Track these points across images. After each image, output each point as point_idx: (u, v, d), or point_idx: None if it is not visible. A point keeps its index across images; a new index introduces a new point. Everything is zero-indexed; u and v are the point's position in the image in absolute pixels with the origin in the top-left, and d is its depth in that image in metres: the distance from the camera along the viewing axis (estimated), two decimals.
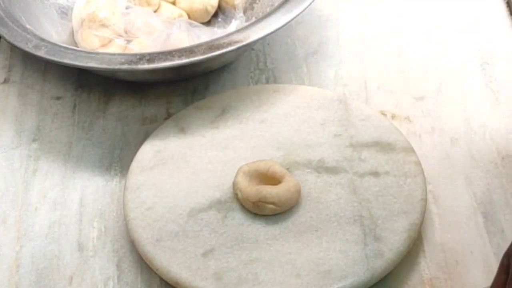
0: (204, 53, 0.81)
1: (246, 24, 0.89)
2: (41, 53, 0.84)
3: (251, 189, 0.74)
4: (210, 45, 0.82)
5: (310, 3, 0.86)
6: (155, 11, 0.96)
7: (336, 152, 0.79)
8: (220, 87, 0.91)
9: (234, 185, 0.75)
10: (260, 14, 0.94)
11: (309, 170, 0.78)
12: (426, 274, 0.72)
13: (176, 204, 0.76)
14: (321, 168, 0.78)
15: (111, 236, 0.77)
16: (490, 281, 0.63)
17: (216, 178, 0.77)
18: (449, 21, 0.97)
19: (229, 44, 0.82)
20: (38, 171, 0.84)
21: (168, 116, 0.88)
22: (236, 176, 0.76)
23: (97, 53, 0.85)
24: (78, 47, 0.92)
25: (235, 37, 0.82)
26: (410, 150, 0.78)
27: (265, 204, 0.73)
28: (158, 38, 0.91)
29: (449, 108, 0.87)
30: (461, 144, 0.83)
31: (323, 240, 0.72)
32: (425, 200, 0.74)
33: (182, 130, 0.82)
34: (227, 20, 0.97)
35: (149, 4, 0.96)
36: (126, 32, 0.94)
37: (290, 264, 0.70)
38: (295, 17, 0.85)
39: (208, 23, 0.98)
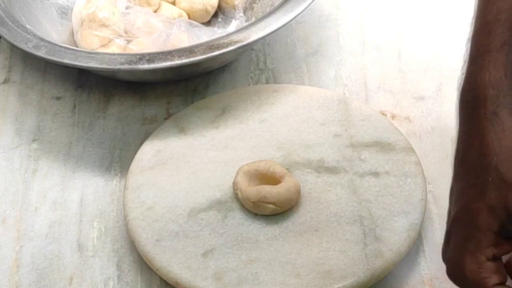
0: (204, 53, 0.81)
1: (246, 24, 0.90)
2: (41, 53, 0.84)
3: (251, 189, 0.74)
4: (210, 45, 0.82)
5: (310, 3, 0.86)
6: (155, 11, 0.96)
7: (336, 152, 0.79)
8: (220, 87, 0.91)
9: (234, 185, 0.75)
10: (260, 14, 0.94)
11: (309, 170, 0.78)
12: (426, 274, 0.72)
13: (176, 204, 0.76)
14: (321, 168, 0.78)
15: (111, 236, 0.77)
16: None
17: (216, 178, 0.77)
18: (449, 21, 0.97)
19: (229, 44, 0.82)
20: (38, 171, 0.84)
21: (168, 116, 0.88)
22: (236, 176, 0.76)
23: (97, 53, 0.85)
24: (78, 47, 0.92)
25: (235, 37, 0.82)
26: (410, 150, 0.78)
27: (265, 204, 0.73)
28: (158, 38, 0.91)
29: (449, 108, 0.86)
30: None
31: (323, 240, 0.72)
32: (425, 200, 0.74)
33: (182, 130, 0.82)
34: (227, 20, 0.97)
35: (149, 4, 0.96)
36: (126, 32, 0.94)
37: (290, 264, 0.70)
38: (295, 17, 0.85)
39: (208, 23, 0.98)
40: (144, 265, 0.74)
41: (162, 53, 0.82)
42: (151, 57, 0.82)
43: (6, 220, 0.80)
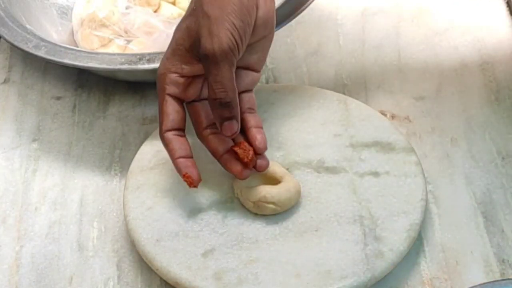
0: None
1: None
2: (41, 53, 0.84)
3: (251, 189, 0.74)
4: None
5: (310, 3, 0.86)
6: (155, 11, 0.96)
7: (336, 152, 0.79)
8: None
9: (234, 185, 0.75)
10: None
11: (309, 170, 0.78)
12: (426, 274, 0.72)
13: (176, 204, 0.76)
14: (321, 168, 0.78)
15: (111, 236, 0.77)
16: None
17: (216, 178, 0.77)
18: (449, 21, 0.97)
19: None
20: (38, 171, 0.84)
21: None
22: None
23: (97, 53, 0.85)
24: (78, 47, 0.92)
25: None
26: (410, 150, 0.78)
27: (265, 204, 0.73)
28: (158, 38, 0.91)
29: (449, 108, 0.87)
30: (461, 144, 0.83)
31: (323, 240, 0.72)
32: (425, 200, 0.74)
33: None
34: None
35: (149, 4, 0.96)
36: (126, 32, 0.94)
37: (290, 264, 0.70)
38: (295, 17, 0.85)
39: None
40: (144, 265, 0.74)
41: (162, 53, 0.82)
42: (151, 57, 0.82)
43: (6, 220, 0.80)
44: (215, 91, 0.69)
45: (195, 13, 0.70)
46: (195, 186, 0.72)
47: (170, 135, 0.72)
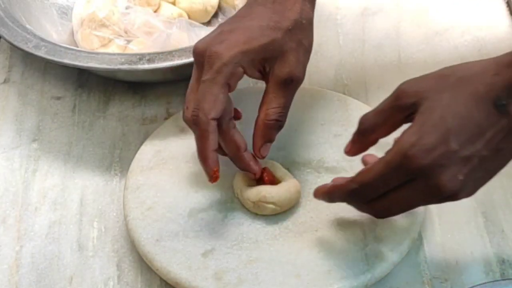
0: None
1: None
2: (41, 53, 0.84)
3: (251, 189, 0.74)
4: None
5: None
6: (155, 11, 0.96)
7: (336, 152, 0.79)
8: None
9: (234, 185, 0.75)
10: None
11: (309, 170, 0.78)
12: (426, 274, 0.72)
13: (176, 204, 0.76)
14: (321, 168, 0.78)
15: (111, 236, 0.77)
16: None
17: None
18: (449, 21, 0.97)
19: None
20: (38, 171, 0.84)
21: (168, 116, 0.88)
22: (236, 176, 0.76)
23: (97, 53, 0.85)
24: (78, 47, 0.92)
25: None
26: None
27: (265, 204, 0.73)
28: (158, 38, 0.91)
29: None
30: None
31: (323, 240, 0.72)
32: None
33: (182, 130, 0.82)
34: None
35: (149, 4, 0.96)
36: (126, 32, 0.94)
37: (290, 264, 0.70)
38: None
39: (208, 23, 0.98)
40: (144, 265, 0.74)
41: (162, 53, 0.82)
42: (151, 57, 0.82)
43: (6, 220, 0.80)
44: (280, 113, 0.72)
45: (289, 34, 0.70)
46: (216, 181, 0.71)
47: (214, 124, 0.69)
